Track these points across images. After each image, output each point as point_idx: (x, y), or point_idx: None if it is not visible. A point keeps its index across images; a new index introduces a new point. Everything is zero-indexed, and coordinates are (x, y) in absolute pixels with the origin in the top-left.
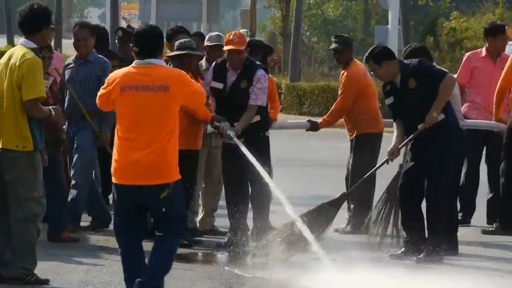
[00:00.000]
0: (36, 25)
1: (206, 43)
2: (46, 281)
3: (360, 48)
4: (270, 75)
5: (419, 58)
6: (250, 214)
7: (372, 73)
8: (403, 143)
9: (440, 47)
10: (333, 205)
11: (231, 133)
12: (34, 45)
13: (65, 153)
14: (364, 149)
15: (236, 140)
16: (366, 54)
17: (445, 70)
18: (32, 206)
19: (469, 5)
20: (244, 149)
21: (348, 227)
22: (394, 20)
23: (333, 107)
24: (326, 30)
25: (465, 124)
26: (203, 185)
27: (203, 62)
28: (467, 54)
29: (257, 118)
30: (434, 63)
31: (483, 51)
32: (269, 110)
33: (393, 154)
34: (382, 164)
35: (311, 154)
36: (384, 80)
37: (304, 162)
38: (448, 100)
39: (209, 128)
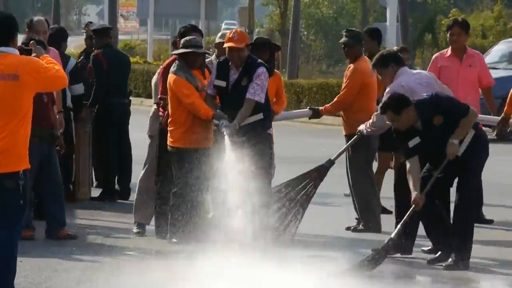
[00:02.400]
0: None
1: (217, 40)
2: None
3: None
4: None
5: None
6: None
7: (392, 124)
8: (428, 187)
9: (438, 44)
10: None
11: (226, 130)
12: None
13: (61, 149)
14: (360, 146)
15: (226, 139)
16: (383, 104)
17: (467, 104)
18: None
19: (468, 2)
20: (228, 151)
21: (360, 225)
22: (392, 18)
23: (336, 98)
24: (323, 28)
25: None
26: None
27: (213, 58)
28: (435, 54)
29: (260, 116)
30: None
31: (449, 51)
32: (275, 104)
33: (418, 204)
34: (411, 211)
35: (310, 151)
36: (405, 128)
37: (303, 159)
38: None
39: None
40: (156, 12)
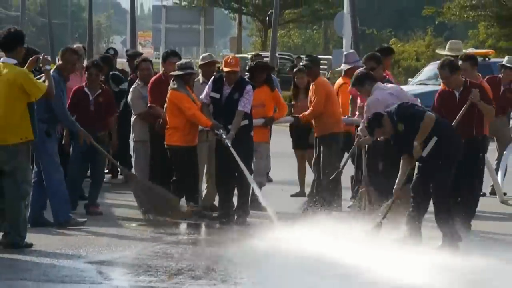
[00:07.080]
0: (12, 44)
1: (200, 62)
2: (30, 245)
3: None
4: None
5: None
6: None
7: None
8: (400, 184)
9: None
10: None
11: (228, 142)
12: (15, 61)
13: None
14: (332, 145)
15: (230, 146)
16: (367, 127)
17: (425, 109)
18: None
19: (405, 33)
20: (233, 151)
21: (315, 204)
22: (347, 45)
23: (310, 109)
24: (294, 53)
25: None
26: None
27: (200, 77)
28: None
29: (245, 122)
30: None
31: None
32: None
33: (396, 194)
34: (393, 203)
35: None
36: (385, 137)
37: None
38: (441, 117)
39: (201, 126)
40: (167, 41)
